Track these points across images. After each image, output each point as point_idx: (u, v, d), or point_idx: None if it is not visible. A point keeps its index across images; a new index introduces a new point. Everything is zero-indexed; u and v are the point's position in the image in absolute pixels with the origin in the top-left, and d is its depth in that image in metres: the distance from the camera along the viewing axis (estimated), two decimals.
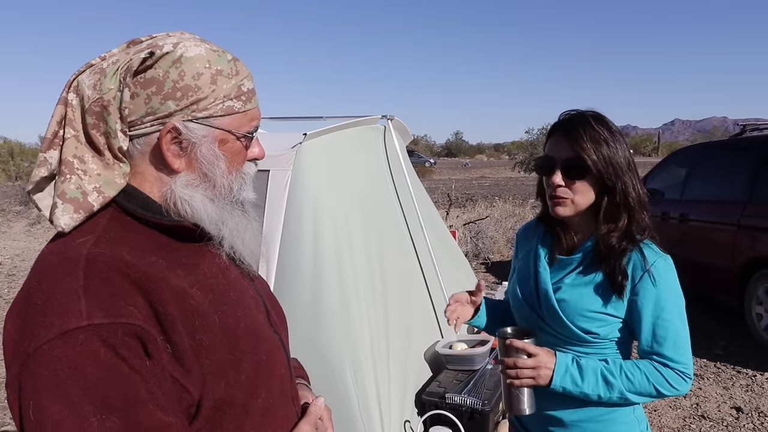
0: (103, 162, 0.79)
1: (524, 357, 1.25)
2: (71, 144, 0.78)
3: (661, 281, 1.24)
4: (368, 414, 2.44)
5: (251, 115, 0.87)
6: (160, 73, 0.78)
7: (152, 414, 0.69)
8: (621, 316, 1.27)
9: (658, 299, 1.24)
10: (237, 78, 0.84)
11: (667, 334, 1.23)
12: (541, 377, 1.24)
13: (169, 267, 0.78)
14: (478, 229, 8.77)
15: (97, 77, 0.79)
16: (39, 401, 0.65)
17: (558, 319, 1.30)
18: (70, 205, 0.76)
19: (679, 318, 1.25)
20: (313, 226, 2.71)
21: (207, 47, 0.82)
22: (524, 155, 29.18)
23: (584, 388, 1.24)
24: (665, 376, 1.23)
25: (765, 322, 4.57)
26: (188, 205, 0.82)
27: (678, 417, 3.61)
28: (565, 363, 1.26)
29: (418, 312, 3.13)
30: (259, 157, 0.92)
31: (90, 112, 0.78)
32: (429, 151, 64.21)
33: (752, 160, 4.82)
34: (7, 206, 15.16)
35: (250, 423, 0.83)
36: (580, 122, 1.27)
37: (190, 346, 0.75)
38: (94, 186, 0.78)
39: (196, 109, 0.80)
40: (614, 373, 1.24)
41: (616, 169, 1.24)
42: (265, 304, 0.95)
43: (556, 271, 1.35)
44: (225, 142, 0.84)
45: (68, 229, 0.77)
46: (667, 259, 1.28)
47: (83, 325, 0.67)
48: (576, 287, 1.30)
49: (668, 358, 1.23)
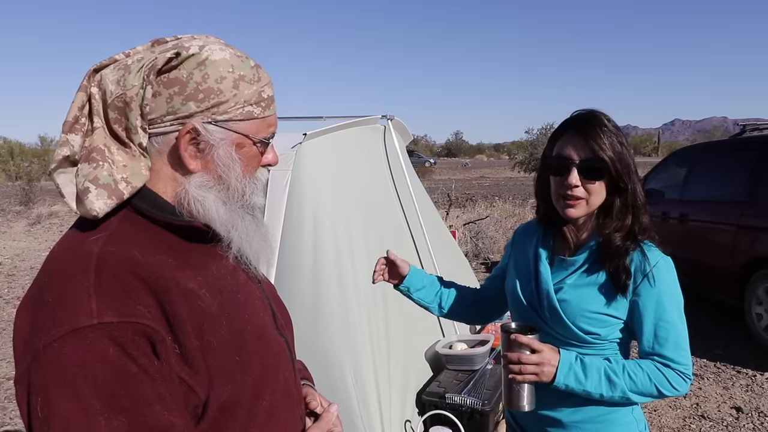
0: (129, 154, 0.80)
1: (528, 353, 1.24)
2: (100, 134, 0.79)
3: (662, 282, 1.24)
4: (368, 414, 2.44)
5: (269, 121, 0.88)
6: (184, 74, 0.79)
7: (159, 414, 0.69)
8: (622, 317, 1.27)
9: (659, 300, 1.24)
10: (258, 84, 0.85)
11: (669, 335, 1.23)
12: (545, 374, 1.24)
13: (179, 267, 0.79)
14: (478, 229, 8.77)
15: (121, 73, 0.79)
16: (47, 398, 0.65)
17: (559, 319, 1.30)
18: (104, 191, 0.77)
19: (680, 319, 1.25)
20: (313, 226, 2.71)
21: (231, 52, 0.83)
22: (524, 155, 29.16)
23: (587, 386, 1.24)
24: (667, 376, 1.23)
25: (765, 322, 4.57)
26: (201, 206, 0.83)
27: (678, 417, 3.61)
28: (569, 360, 1.25)
29: (418, 312, 3.12)
30: (273, 163, 0.92)
31: (112, 106, 0.79)
32: (429, 151, 64.23)
33: (752, 160, 4.82)
34: (7, 206, 15.17)
35: (254, 425, 0.83)
36: (595, 121, 1.25)
37: (197, 347, 0.75)
38: (122, 176, 0.78)
39: (216, 112, 0.81)
40: (617, 372, 1.24)
41: (629, 170, 1.24)
42: (272, 307, 0.96)
43: (557, 271, 1.35)
44: (242, 146, 0.85)
45: (102, 214, 0.76)
46: (668, 260, 1.28)
47: (93, 324, 0.67)
48: (578, 288, 1.30)
49: (669, 358, 1.23)
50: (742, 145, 5.27)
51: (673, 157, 6.46)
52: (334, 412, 0.99)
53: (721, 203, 5.01)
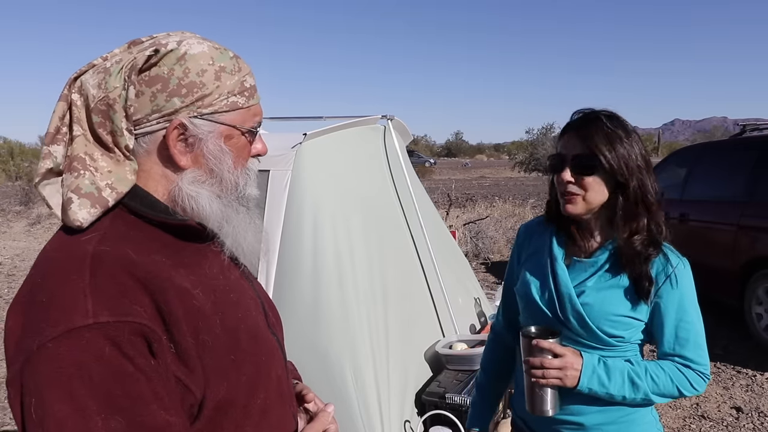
0: (113, 159, 0.79)
1: (550, 357, 1.22)
2: (81, 141, 0.79)
3: (682, 284, 1.25)
4: (368, 414, 2.44)
5: (254, 110, 0.88)
6: (165, 71, 0.79)
7: (156, 414, 0.69)
8: (644, 319, 1.27)
9: (681, 302, 1.25)
10: (240, 74, 0.85)
11: (689, 335, 1.25)
12: (569, 378, 1.22)
13: (173, 266, 0.79)
14: (478, 229, 8.77)
15: (101, 76, 0.79)
16: (42, 399, 0.65)
17: (584, 323, 1.26)
18: (87, 200, 0.76)
19: (698, 319, 1.27)
20: (313, 226, 2.71)
21: (209, 45, 0.83)
22: (524, 155, 29.13)
23: (611, 389, 1.22)
24: (687, 377, 1.24)
25: (765, 322, 4.57)
26: (194, 202, 0.82)
27: (678, 417, 3.61)
28: (592, 364, 1.23)
29: (418, 312, 3.13)
30: (262, 152, 0.92)
31: (95, 111, 0.78)
32: (429, 151, 64.22)
33: (752, 160, 4.82)
34: (7, 206, 15.16)
35: (249, 423, 0.83)
36: (591, 120, 1.26)
37: (193, 346, 0.75)
38: (107, 182, 0.78)
39: (201, 105, 0.81)
40: (640, 374, 1.23)
41: (629, 166, 1.22)
42: (263, 306, 0.96)
43: (576, 273, 1.31)
44: (230, 137, 0.85)
45: (86, 224, 0.76)
46: (686, 262, 1.29)
47: (89, 324, 0.67)
48: (600, 291, 1.27)
49: (690, 359, 1.25)
50: (742, 145, 5.27)
51: (673, 157, 6.45)
52: (331, 412, 0.99)
53: (721, 203, 5.01)
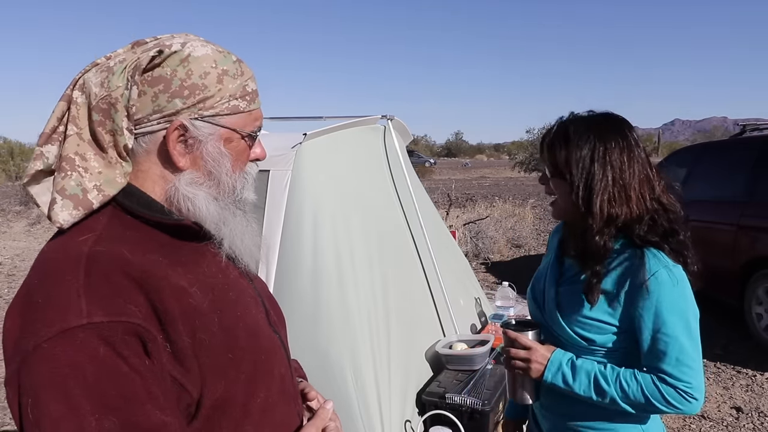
0: (105, 160, 0.79)
1: (521, 349, 1.31)
2: (73, 141, 0.79)
3: (660, 293, 1.16)
4: (368, 414, 2.44)
5: (255, 115, 0.88)
6: (168, 72, 0.79)
7: (151, 414, 0.69)
8: (616, 324, 1.22)
9: (658, 312, 1.17)
10: (242, 78, 0.85)
11: (668, 349, 1.16)
12: (533, 370, 1.28)
13: (169, 265, 0.79)
14: (478, 229, 8.77)
15: (104, 75, 0.79)
16: (38, 399, 0.65)
17: (557, 321, 1.31)
18: (70, 202, 0.77)
19: (685, 334, 1.17)
20: (313, 226, 2.71)
21: (213, 47, 0.84)
22: (524, 155, 29.12)
23: (574, 387, 1.24)
24: (663, 392, 1.17)
25: (765, 322, 4.57)
26: (191, 203, 0.83)
27: (678, 417, 3.61)
28: (559, 360, 1.26)
29: (418, 311, 3.13)
30: (261, 157, 0.93)
31: (97, 109, 0.78)
32: (429, 151, 64.21)
33: (752, 160, 4.82)
34: (7, 206, 15.16)
35: (249, 422, 0.83)
36: (547, 133, 1.32)
37: (189, 345, 0.75)
38: (94, 184, 0.78)
39: (202, 108, 0.81)
40: (609, 379, 1.21)
41: (570, 161, 1.23)
42: (264, 304, 0.96)
43: (568, 273, 1.36)
44: (230, 141, 0.85)
45: (67, 225, 0.76)
46: (674, 270, 1.18)
47: (83, 324, 0.67)
48: (572, 292, 1.29)
49: (669, 374, 1.17)
50: (742, 145, 5.28)
51: (673, 157, 6.46)
52: (330, 408, 0.99)
53: (721, 203, 5.02)
